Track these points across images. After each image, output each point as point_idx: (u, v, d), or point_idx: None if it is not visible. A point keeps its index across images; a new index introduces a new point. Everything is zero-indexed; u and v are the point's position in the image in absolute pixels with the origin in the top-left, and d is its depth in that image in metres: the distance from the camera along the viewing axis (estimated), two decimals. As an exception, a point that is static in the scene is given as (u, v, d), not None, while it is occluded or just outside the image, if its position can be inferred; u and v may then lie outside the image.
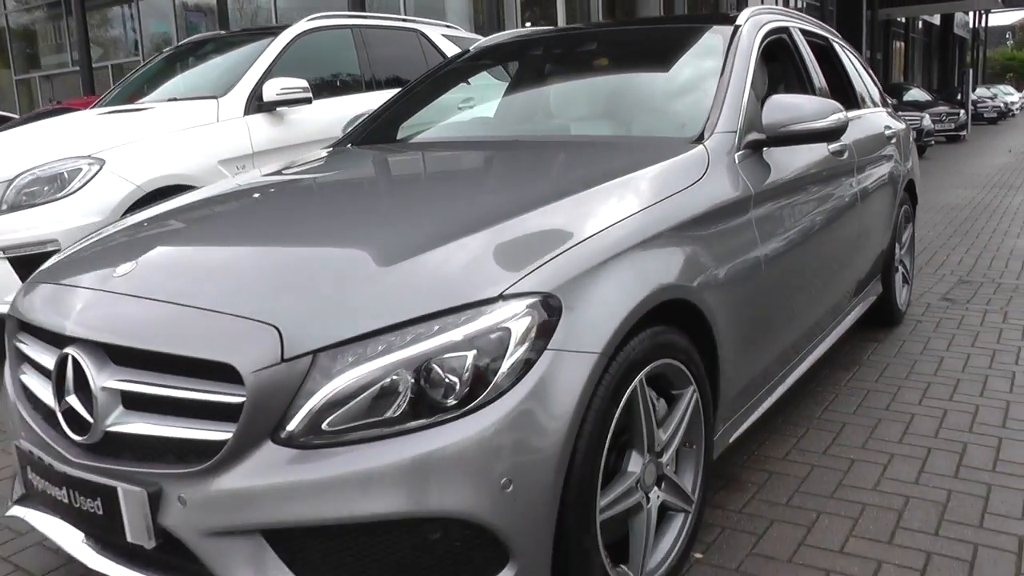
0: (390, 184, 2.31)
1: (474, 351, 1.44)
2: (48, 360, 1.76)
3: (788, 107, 2.46)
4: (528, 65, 3.32)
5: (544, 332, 1.50)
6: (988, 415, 2.95)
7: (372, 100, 5.40)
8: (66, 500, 1.65)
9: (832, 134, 2.51)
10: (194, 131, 4.43)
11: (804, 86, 3.23)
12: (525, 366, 1.47)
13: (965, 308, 4.43)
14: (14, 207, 3.91)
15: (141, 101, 5.06)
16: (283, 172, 2.61)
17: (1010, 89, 37.95)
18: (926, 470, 2.54)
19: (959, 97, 21.94)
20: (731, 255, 2.12)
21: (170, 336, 1.50)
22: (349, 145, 3.11)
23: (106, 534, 1.61)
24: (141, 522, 1.52)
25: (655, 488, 1.84)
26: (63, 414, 1.68)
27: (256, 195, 2.28)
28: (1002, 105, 29.20)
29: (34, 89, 18.35)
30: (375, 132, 3.19)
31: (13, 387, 1.94)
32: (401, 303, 1.47)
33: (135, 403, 1.59)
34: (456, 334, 1.44)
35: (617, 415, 1.63)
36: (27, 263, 3.88)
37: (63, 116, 4.92)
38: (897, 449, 2.70)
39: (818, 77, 3.34)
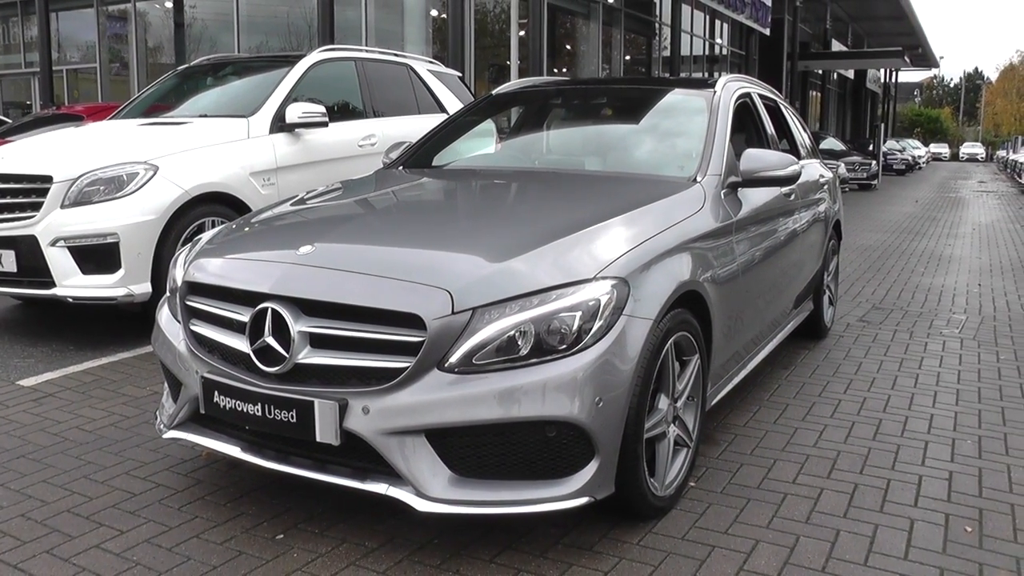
0: (476, 198, 3.01)
1: (579, 312, 2.16)
2: (237, 313, 2.37)
3: (759, 158, 3.27)
4: (545, 109, 4.08)
5: (620, 303, 2.23)
6: (897, 402, 3.82)
7: (373, 126, 6.10)
8: (259, 413, 2.27)
9: (790, 180, 3.33)
10: (229, 145, 5.02)
11: (762, 139, 4.09)
12: (608, 325, 2.19)
13: (879, 328, 5.36)
14: (77, 203, 4.42)
15: (170, 115, 5.59)
16: (375, 183, 3.29)
17: (917, 143, 40.97)
18: (852, 435, 3.36)
19: (871, 148, 23.77)
20: (721, 264, 2.90)
21: (367, 295, 2.16)
22: (401, 168, 3.78)
23: (297, 436, 2.23)
24: (331, 426, 2.17)
25: (672, 424, 2.58)
26: (255, 352, 2.30)
27: (369, 198, 2.96)
28: (910, 158, 31.59)
29: (-19, 88, 18.17)
30: (419, 158, 3.87)
31: (185, 335, 2.54)
32: (530, 279, 2.19)
33: (320, 342, 2.23)
34: (567, 301, 2.16)
35: (657, 366, 2.37)
36: (86, 252, 4.40)
37: (109, 124, 5.42)
38: (829, 422, 3.52)
39: (772, 132, 4.21)
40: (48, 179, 4.44)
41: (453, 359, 2.12)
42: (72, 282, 4.41)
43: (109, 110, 7.47)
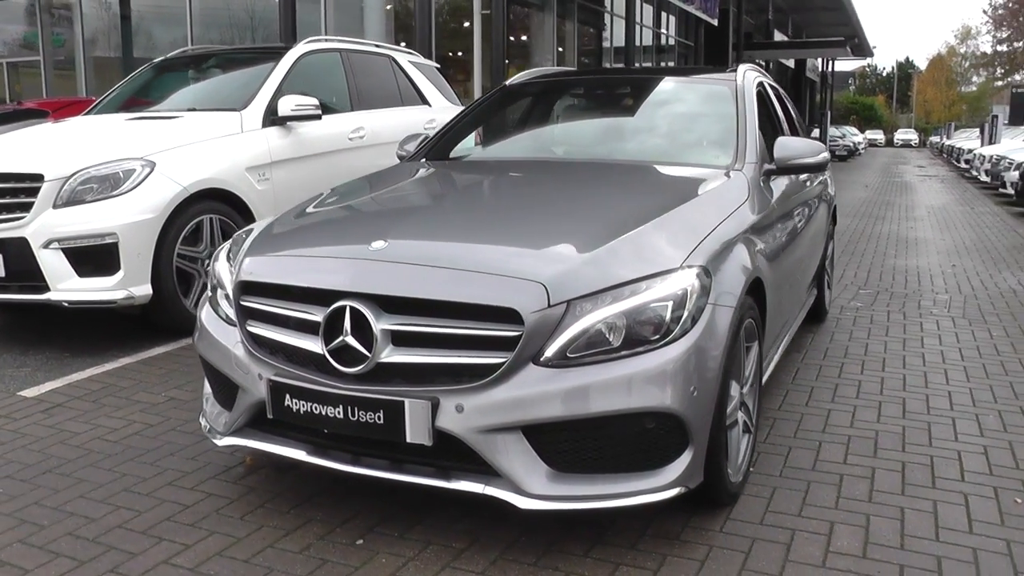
0: (528, 190, 2.95)
1: (671, 303, 2.14)
2: (307, 312, 2.28)
3: (791, 146, 3.30)
4: (564, 100, 4.05)
5: (704, 292, 2.23)
6: (913, 380, 3.92)
7: (362, 119, 5.98)
8: (340, 416, 2.20)
9: (820, 167, 3.37)
10: (224, 140, 4.86)
11: (776, 126, 4.13)
12: (696, 314, 2.19)
13: (871, 309, 5.50)
14: (70, 202, 4.22)
15: (157, 109, 5.39)
16: (411, 176, 3.24)
17: (855, 130, 42.15)
18: (883, 415, 3.43)
19: (817, 135, 24.36)
20: (769, 250, 2.93)
21: (458, 290, 2.11)
22: (423, 160, 3.71)
23: (384, 437, 2.17)
24: (423, 426, 2.11)
25: (740, 411, 2.60)
26: (331, 352, 2.23)
27: (418, 192, 2.91)
28: (851, 144, 32.50)
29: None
30: (438, 151, 3.80)
31: (242, 337, 2.44)
32: (619, 270, 2.17)
33: (403, 340, 2.17)
34: (658, 292, 2.15)
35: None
36: (82, 254, 4.21)
37: (95, 119, 5.18)
38: (857, 403, 3.59)
39: (783, 119, 4.26)
40: (39, 178, 4.22)
41: (549, 353, 2.09)
42: (68, 286, 4.21)
43: (75, 105, 7.17)
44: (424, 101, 6.89)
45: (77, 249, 4.20)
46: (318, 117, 5.36)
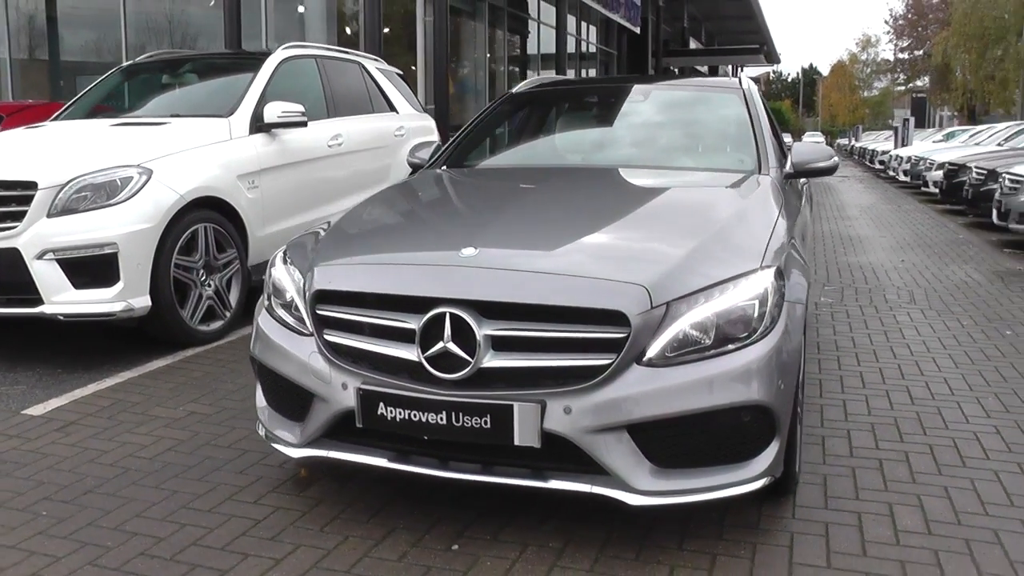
0: (585, 196, 3.00)
1: (756, 301, 2.25)
2: (398, 320, 2.29)
3: (806, 152, 3.48)
4: (575, 107, 4.14)
5: (780, 290, 2.35)
6: (908, 369, 4.16)
7: (339, 126, 5.93)
8: (443, 422, 2.21)
9: (832, 171, 3.55)
10: (215, 147, 4.75)
11: (774, 130, 4.33)
12: (777, 311, 2.30)
13: (843, 304, 5.79)
14: (65, 211, 4.05)
15: (138, 115, 5.22)
16: (455, 183, 3.27)
17: (767, 134, 43.83)
18: (895, 402, 3.64)
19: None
20: (804, 248, 3.09)
21: (564, 294, 2.16)
22: (443, 168, 3.73)
23: (490, 441, 2.20)
24: (532, 429, 2.15)
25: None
26: (428, 359, 2.24)
27: (474, 198, 2.95)
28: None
29: None
30: (455, 158, 3.82)
31: (320, 346, 2.42)
32: (708, 271, 2.27)
33: (503, 345, 2.21)
34: (745, 291, 2.26)
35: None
36: (79, 265, 4.05)
37: (78, 123, 4.97)
38: (867, 392, 3.79)
39: (775, 123, 4.47)
40: (32, 185, 4.04)
41: (651, 354, 2.16)
42: (63, 298, 4.05)
43: (31, 109, 6.84)
44: (392, 108, 6.88)
45: (74, 260, 4.04)
46: (304, 124, 5.30)
